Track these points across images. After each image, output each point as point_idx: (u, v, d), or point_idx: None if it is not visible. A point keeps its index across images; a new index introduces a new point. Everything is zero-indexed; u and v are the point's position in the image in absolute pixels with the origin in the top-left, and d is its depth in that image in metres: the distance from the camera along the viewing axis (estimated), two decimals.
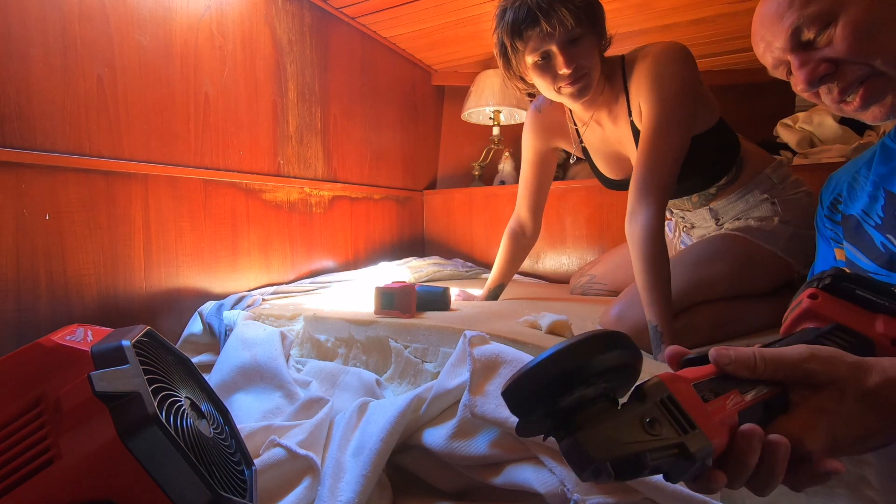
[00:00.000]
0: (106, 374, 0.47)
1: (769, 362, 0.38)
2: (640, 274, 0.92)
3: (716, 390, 0.38)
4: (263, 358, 0.95)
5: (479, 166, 2.24)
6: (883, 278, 0.60)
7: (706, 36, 1.78)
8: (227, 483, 0.52)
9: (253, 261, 1.38)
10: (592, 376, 0.34)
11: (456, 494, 0.70)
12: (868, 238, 0.63)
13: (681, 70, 0.97)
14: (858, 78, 0.56)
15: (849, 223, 0.67)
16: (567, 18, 0.92)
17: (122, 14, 1.08)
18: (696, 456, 0.33)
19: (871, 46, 0.55)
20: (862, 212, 0.65)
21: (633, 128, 1.07)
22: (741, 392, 0.38)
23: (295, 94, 1.52)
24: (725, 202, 1.15)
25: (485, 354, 0.75)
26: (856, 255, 0.65)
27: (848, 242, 0.67)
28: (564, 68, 0.96)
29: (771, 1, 0.61)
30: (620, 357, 0.35)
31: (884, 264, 0.60)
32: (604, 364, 0.34)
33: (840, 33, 0.56)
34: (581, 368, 0.34)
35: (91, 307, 1.03)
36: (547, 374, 0.34)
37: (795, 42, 0.59)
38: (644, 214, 0.93)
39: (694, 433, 0.34)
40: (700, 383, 0.38)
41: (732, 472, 0.35)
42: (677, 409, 0.35)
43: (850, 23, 0.55)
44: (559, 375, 0.34)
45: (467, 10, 1.65)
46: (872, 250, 0.62)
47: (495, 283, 1.36)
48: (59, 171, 0.98)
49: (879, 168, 0.64)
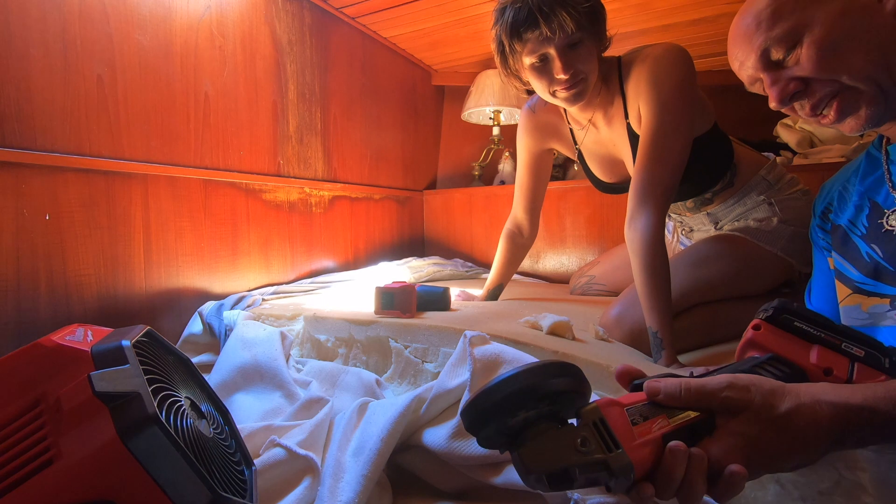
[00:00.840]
0: (106, 374, 0.47)
1: (693, 392, 0.43)
2: (640, 280, 0.91)
3: (645, 415, 0.43)
4: (263, 358, 0.95)
5: (479, 166, 2.24)
6: (870, 287, 0.61)
7: (706, 36, 1.78)
8: (227, 483, 0.52)
9: (253, 261, 1.38)
10: (538, 400, 0.40)
11: (456, 494, 0.70)
12: (854, 248, 0.64)
13: (681, 73, 0.96)
14: (828, 94, 0.59)
15: (837, 233, 0.67)
16: (568, 23, 0.90)
17: (122, 14, 1.08)
18: (616, 471, 0.39)
19: (837, 63, 0.57)
20: (849, 222, 0.65)
21: (630, 131, 1.05)
22: (668, 417, 0.43)
23: (295, 94, 1.52)
24: (723, 206, 1.15)
25: (485, 354, 0.75)
26: (843, 265, 0.65)
27: (836, 252, 0.67)
28: (562, 73, 0.95)
29: (741, 23, 0.64)
30: (565, 384, 0.41)
31: (870, 274, 0.61)
32: (548, 389, 0.40)
33: (805, 53, 0.58)
34: (526, 394, 0.39)
35: (91, 307, 1.03)
36: (496, 397, 0.39)
37: (766, 62, 0.62)
38: (643, 221, 0.92)
39: (617, 452, 0.40)
40: (633, 408, 0.43)
41: (660, 484, 0.40)
42: (606, 431, 0.41)
43: (815, 42, 0.57)
44: (506, 399, 0.39)
45: (467, 10, 1.65)
46: (859, 260, 0.63)
47: (494, 283, 1.36)
48: (58, 171, 0.98)
49: (865, 177, 0.65)
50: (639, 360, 0.85)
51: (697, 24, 1.71)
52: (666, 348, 0.87)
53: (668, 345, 0.87)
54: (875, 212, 0.62)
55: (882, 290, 0.59)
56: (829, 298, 0.69)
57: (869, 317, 0.61)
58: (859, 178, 0.66)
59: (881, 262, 0.59)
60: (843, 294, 0.65)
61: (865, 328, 0.61)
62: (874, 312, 0.60)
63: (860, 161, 0.67)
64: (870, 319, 0.61)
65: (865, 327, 0.61)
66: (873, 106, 0.57)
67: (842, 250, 0.66)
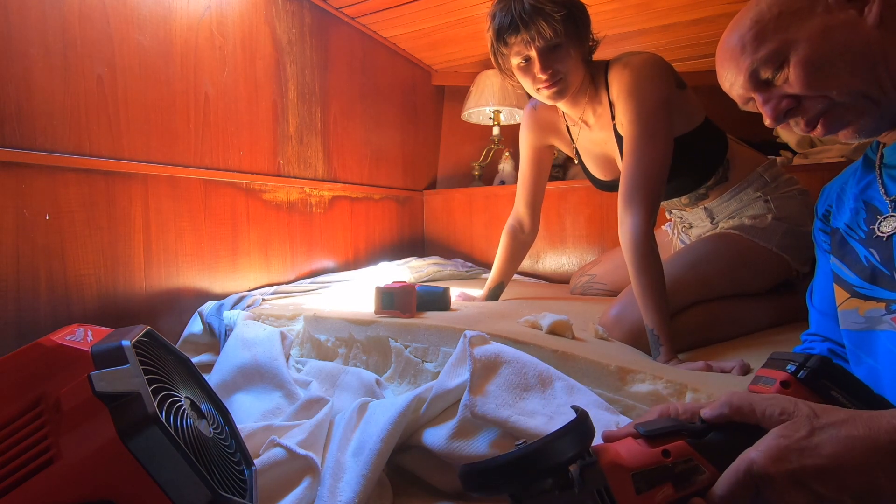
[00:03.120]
0: (106, 374, 0.47)
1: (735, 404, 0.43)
2: (634, 280, 0.94)
3: (651, 482, 0.42)
4: (263, 358, 0.95)
5: (479, 166, 2.24)
6: (866, 292, 0.60)
7: (706, 36, 1.78)
8: (227, 483, 0.52)
9: (253, 261, 1.38)
10: (546, 474, 0.41)
11: (456, 494, 0.70)
12: (852, 251, 0.63)
13: (659, 83, 1.01)
14: (820, 111, 0.59)
15: (835, 237, 0.67)
16: (545, 30, 0.98)
17: (122, 14, 1.08)
18: None
19: (824, 81, 0.57)
20: (846, 225, 0.65)
21: (617, 133, 1.10)
22: (674, 486, 0.42)
23: (295, 94, 1.52)
24: (719, 201, 1.17)
25: (485, 354, 0.75)
26: (841, 269, 0.65)
27: (834, 256, 0.67)
28: (541, 73, 1.02)
29: (726, 44, 0.64)
30: (576, 452, 0.41)
31: (867, 278, 0.60)
32: (557, 462, 0.41)
33: (793, 72, 0.58)
34: (535, 474, 0.40)
35: (91, 307, 1.03)
36: (506, 475, 0.40)
37: (755, 82, 0.62)
38: (630, 222, 0.96)
39: None
40: (638, 473, 0.42)
41: None
42: (609, 500, 0.41)
43: (800, 62, 0.57)
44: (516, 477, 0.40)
45: (467, 10, 1.65)
46: (856, 264, 0.62)
47: (495, 281, 1.37)
48: (59, 171, 0.98)
49: (861, 180, 0.65)
50: (639, 359, 0.85)
51: (697, 24, 1.71)
52: (664, 345, 0.88)
53: (665, 342, 0.89)
54: (871, 216, 0.62)
55: (878, 294, 0.59)
56: (832, 300, 0.69)
57: (865, 321, 0.61)
58: (856, 181, 0.66)
59: (878, 266, 0.59)
60: (842, 298, 0.65)
61: (862, 332, 0.61)
62: (870, 317, 0.60)
63: (859, 163, 0.67)
64: (866, 324, 0.60)
65: (862, 331, 0.61)
66: (865, 118, 0.57)
67: (839, 254, 0.66)
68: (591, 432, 0.43)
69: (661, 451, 0.42)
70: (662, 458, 0.42)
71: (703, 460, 0.42)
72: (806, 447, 0.38)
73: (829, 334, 0.71)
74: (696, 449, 0.43)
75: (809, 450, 0.38)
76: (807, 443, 0.38)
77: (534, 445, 0.40)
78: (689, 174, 1.13)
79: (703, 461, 0.42)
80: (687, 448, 0.43)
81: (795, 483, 0.38)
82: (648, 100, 1.00)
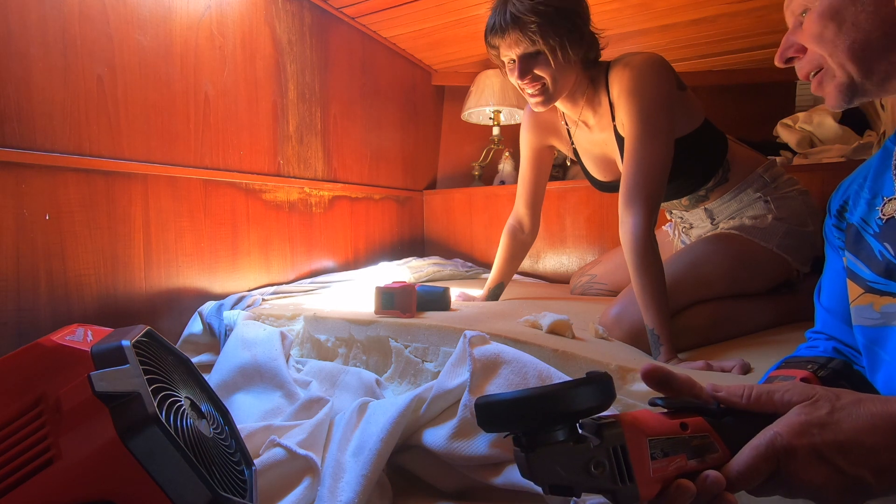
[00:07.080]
0: (106, 374, 0.47)
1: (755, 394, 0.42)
2: (634, 279, 0.95)
3: (666, 451, 0.41)
4: (263, 358, 0.95)
5: (479, 166, 2.24)
6: (882, 287, 0.60)
7: (706, 36, 1.78)
8: (227, 483, 0.52)
9: (253, 261, 1.38)
10: (560, 420, 0.39)
11: (456, 494, 0.70)
12: (867, 247, 0.63)
13: (660, 83, 1.01)
14: (812, 69, 0.61)
15: (850, 231, 0.67)
16: (522, 40, 1.00)
17: (122, 14, 1.08)
18: (621, 501, 0.39)
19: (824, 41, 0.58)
20: (861, 220, 0.65)
21: (617, 134, 1.09)
22: (688, 457, 0.41)
23: (295, 94, 1.52)
24: (719, 202, 1.17)
25: (485, 354, 0.75)
26: (855, 265, 0.64)
27: (849, 252, 0.66)
28: (518, 79, 1.04)
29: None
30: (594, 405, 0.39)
31: (882, 273, 0.60)
32: (573, 410, 0.39)
33: (807, 20, 0.59)
34: (549, 417, 0.38)
35: (91, 307, 1.03)
36: (519, 411, 0.38)
37: (796, 22, 0.63)
38: (631, 221, 0.96)
39: (629, 486, 0.39)
40: (655, 440, 0.41)
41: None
42: (624, 461, 0.39)
43: (815, 12, 0.58)
44: (529, 415, 0.38)
45: (467, 10, 1.65)
46: (872, 259, 0.62)
47: (495, 281, 1.37)
48: (58, 171, 0.98)
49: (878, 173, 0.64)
50: (639, 358, 0.85)
51: (697, 24, 1.70)
52: (664, 345, 0.89)
53: (665, 341, 0.89)
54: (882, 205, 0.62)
55: (894, 288, 0.59)
56: (842, 298, 0.68)
57: (881, 316, 0.60)
58: (872, 174, 0.66)
59: (893, 261, 0.59)
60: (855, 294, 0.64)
61: (877, 328, 0.61)
62: (886, 312, 0.59)
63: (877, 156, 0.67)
64: (882, 319, 0.60)
65: (877, 327, 0.61)
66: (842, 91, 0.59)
67: (854, 249, 0.65)
68: (612, 391, 0.41)
69: (679, 424, 0.42)
70: (680, 430, 0.42)
71: (719, 439, 0.42)
72: (828, 422, 0.39)
73: (835, 333, 0.71)
74: (713, 427, 0.43)
75: (831, 425, 0.39)
76: (829, 418, 0.39)
77: (554, 387, 0.39)
78: (689, 176, 1.13)
79: (719, 440, 0.42)
80: (704, 424, 0.43)
81: (818, 457, 0.39)
82: (650, 99, 1.00)
